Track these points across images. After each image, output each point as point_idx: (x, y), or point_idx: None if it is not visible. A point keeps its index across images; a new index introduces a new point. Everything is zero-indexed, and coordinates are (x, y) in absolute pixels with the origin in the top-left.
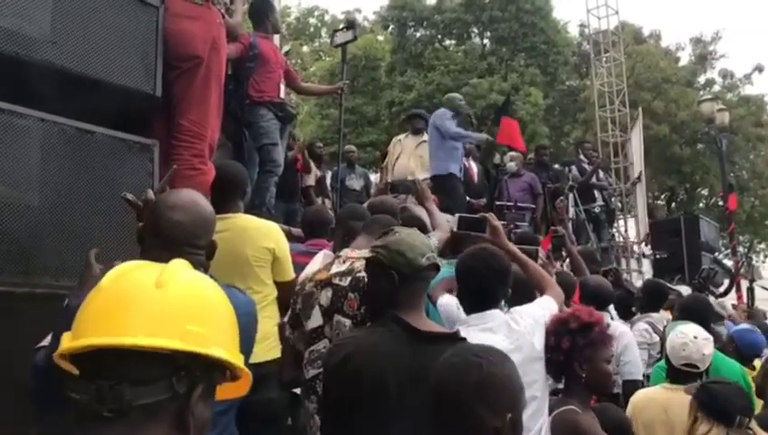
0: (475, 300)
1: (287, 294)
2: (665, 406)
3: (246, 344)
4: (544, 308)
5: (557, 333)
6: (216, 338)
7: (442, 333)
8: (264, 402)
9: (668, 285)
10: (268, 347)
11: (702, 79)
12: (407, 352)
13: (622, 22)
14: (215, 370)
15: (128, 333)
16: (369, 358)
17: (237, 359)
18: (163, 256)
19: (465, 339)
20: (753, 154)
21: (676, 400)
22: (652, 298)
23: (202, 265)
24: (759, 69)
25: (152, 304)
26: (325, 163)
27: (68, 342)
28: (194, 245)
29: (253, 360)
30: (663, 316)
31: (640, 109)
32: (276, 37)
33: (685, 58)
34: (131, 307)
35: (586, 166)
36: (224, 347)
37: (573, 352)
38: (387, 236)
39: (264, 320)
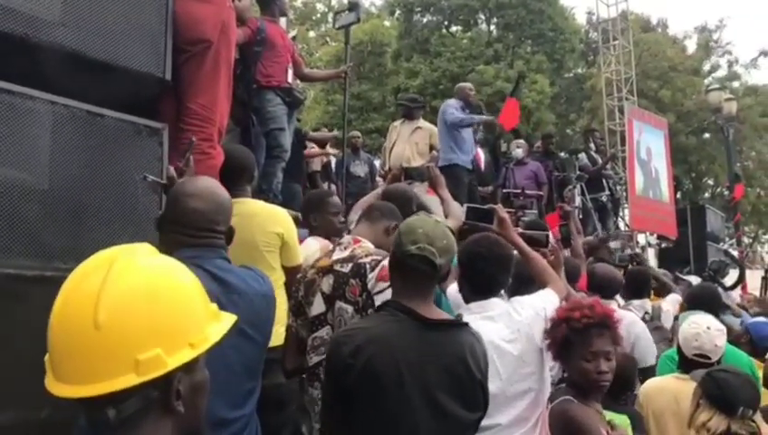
0: (477, 288)
1: (295, 280)
2: (676, 396)
3: (263, 322)
4: (545, 301)
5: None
6: (175, 340)
7: (447, 319)
8: (272, 387)
9: (679, 275)
10: (277, 332)
11: (707, 66)
12: (415, 340)
13: (629, 10)
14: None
15: (87, 381)
16: (380, 347)
17: (204, 338)
18: (183, 242)
19: (467, 324)
20: (759, 144)
21: (688, 390)
22: (634, 286)
23: (222, 247)
24: (765, 53)
25: (97, 350)
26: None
27: (47, 379)
28: (213, 230)
29: None
30: (644, 304)
31: (626, 104)
32: (282, 21)
33: (692, 47)
34: (81, 356)
35: (594, 154)
36: (188, 336)
37: (551, 348)
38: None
39: None
